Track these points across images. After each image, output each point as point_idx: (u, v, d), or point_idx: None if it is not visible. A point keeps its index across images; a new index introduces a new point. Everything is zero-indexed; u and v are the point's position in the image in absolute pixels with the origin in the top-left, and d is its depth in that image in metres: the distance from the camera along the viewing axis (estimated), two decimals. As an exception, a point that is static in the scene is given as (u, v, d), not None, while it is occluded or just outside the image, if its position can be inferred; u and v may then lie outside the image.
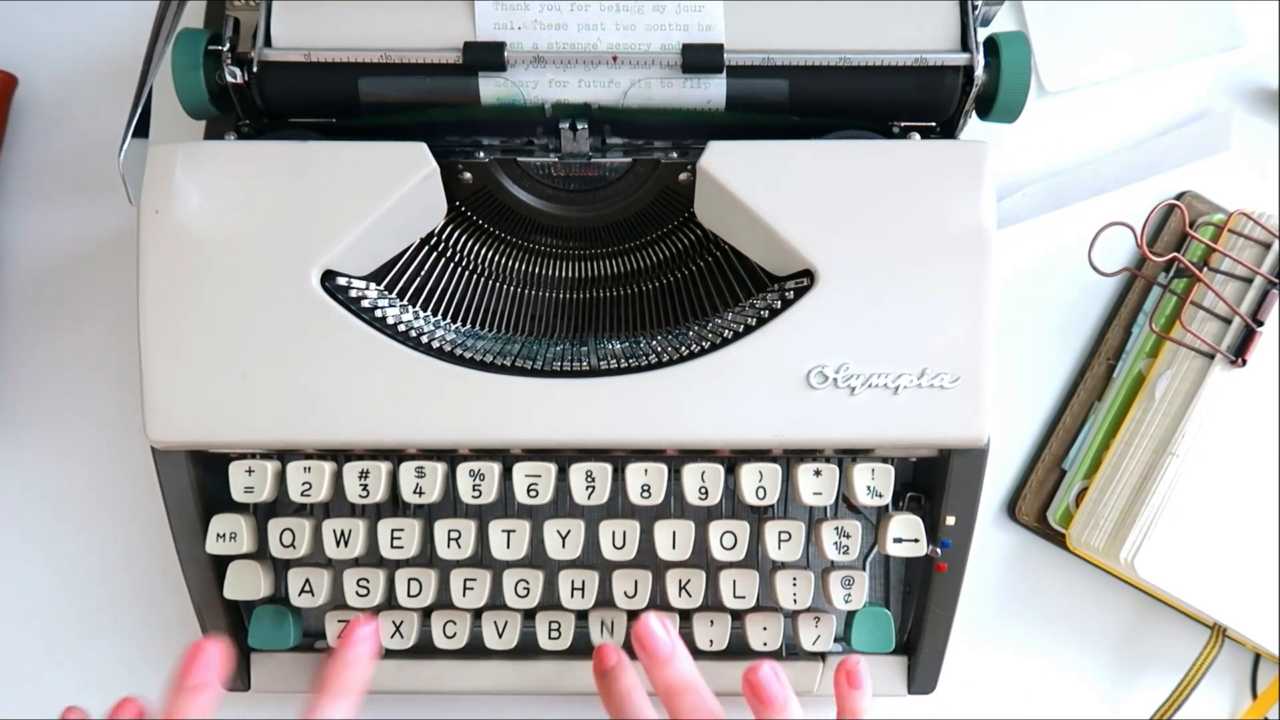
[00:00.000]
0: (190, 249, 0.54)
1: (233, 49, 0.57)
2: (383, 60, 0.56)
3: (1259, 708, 0.65)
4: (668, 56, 0.57)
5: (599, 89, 0.57)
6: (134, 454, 0.65)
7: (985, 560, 0.66)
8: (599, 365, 0.55)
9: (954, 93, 0.58)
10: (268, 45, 0.57)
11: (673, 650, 0.51)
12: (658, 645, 0.51)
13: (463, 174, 0.58)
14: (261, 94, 0.58)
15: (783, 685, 0.50)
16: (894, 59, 0.57)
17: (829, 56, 0.57)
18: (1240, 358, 0.60)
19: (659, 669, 0.51)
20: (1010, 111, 0.59)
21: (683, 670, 0.51)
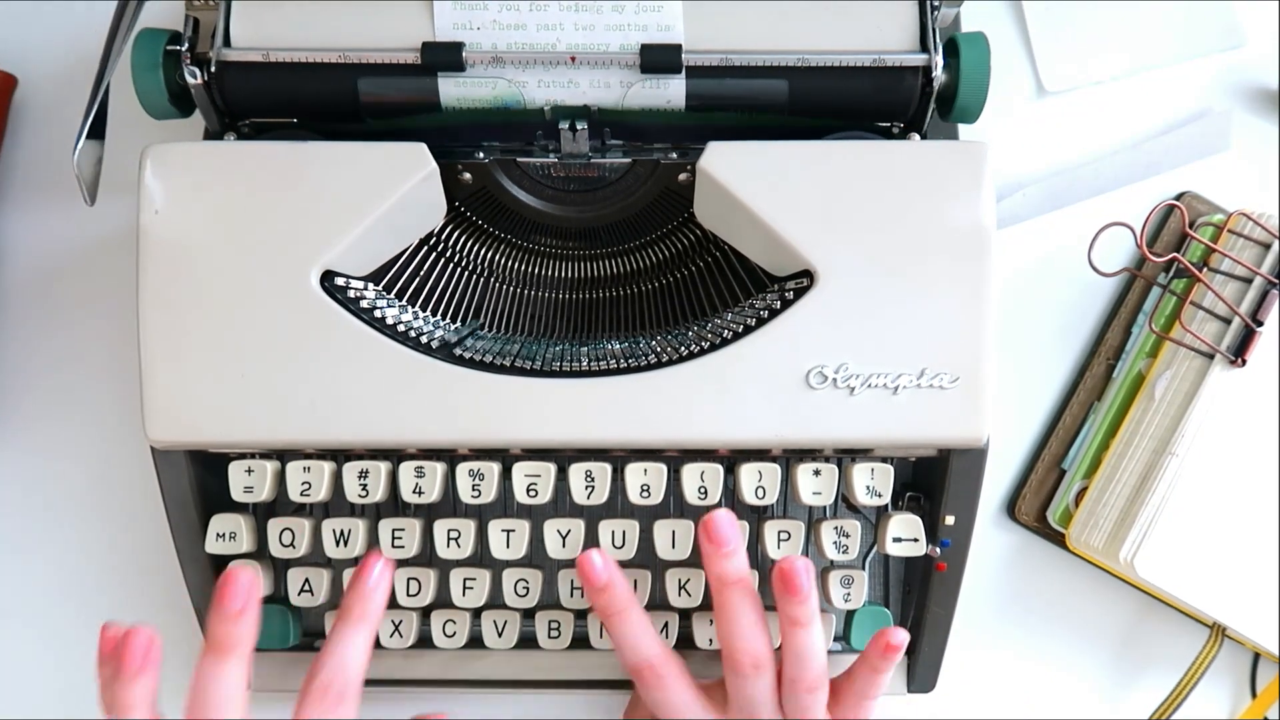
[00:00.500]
0: (190, 249, 0.54)
1: (192, 49, 0.57)
2: (341, 60, 0.56)
3: (1258, 707, 0.65)
4: (626, 57, 0.57)
5: (559, 89, 0.57)
6: (134, 454, 0.65)
7: (985, 560, 0.66)
8: (598, 365, 0.55)
9: (913, 93, 0.58)
10: (226, 45, 0.57)
11: (737, 547, 0.54)
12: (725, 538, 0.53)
13: (462, 174, 0.58)
14: (221, 94, 0.58)
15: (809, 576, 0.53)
16: (852, 59, 0.57)
17: (787, 57, 0.57)
18: (1240, 358, 0.60)
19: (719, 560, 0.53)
20: (970, 112, 0.58)
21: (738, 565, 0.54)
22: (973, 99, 0.58)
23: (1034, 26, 0.69)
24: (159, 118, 0.59)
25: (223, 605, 0.50)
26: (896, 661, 0.54)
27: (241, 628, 0.50)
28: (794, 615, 0.53)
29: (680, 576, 0.58)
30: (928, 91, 0.58)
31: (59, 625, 0.66)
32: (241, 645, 0.50)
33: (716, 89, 0.58)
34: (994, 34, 0.68)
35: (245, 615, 0.50)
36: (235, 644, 0.50)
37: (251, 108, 0.59)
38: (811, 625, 0.53)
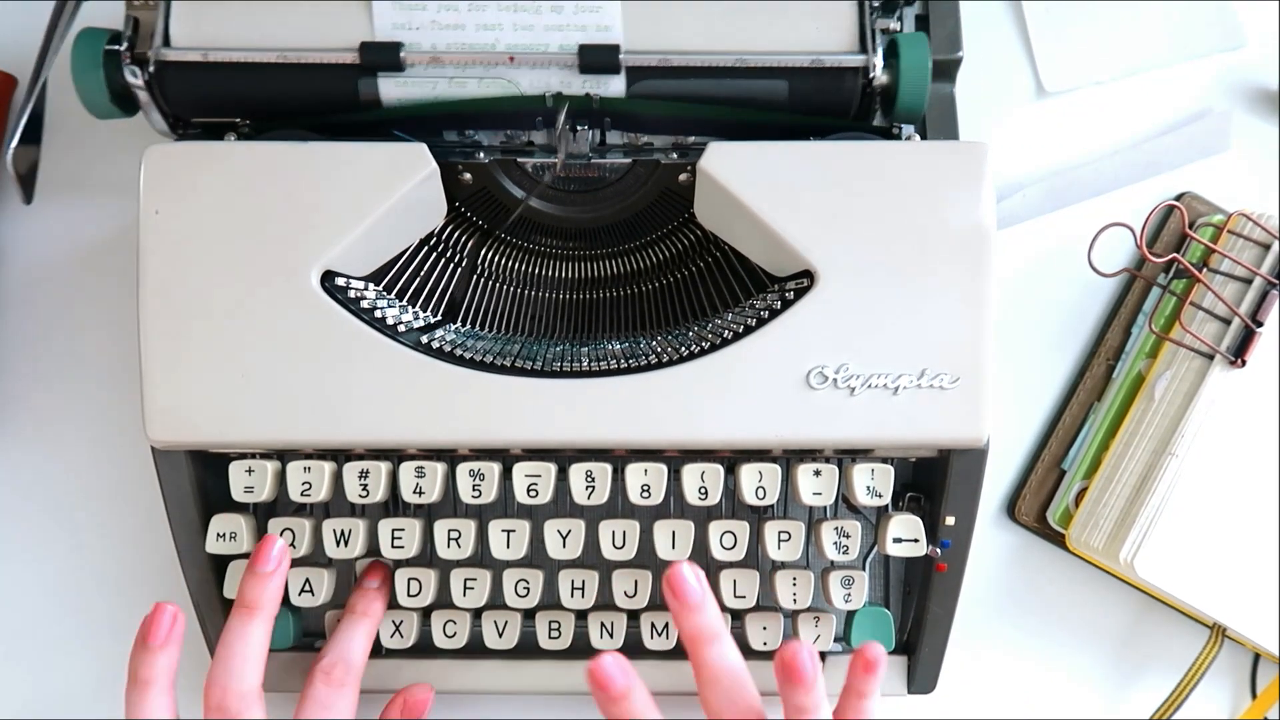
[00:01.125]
0: (190, 249, 0.54)
1: (131, 48, 0.57)
2: (280, 60, 0.57)
3: (1258, 708, 0.65)
4: (565, 57, 0.57)
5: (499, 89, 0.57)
6: (134, 454, 0.65)
7: (985, 560, 0.66)
8: (599, 366, 0.55)
9: (854, 94, 0.58)
10: (166, 45, 0.57)
11: (703, 598, 0.52)
12: (688, 592, 0.51)
13: (462, 174, 0.58)
14: (162, 94, 0.58)
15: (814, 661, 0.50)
16: (791, 60, 0.57)
17: (725, 57, 0.57)
18: (1240, 358, 0.60)
19: (688, 616, 0.51)
20: (911, 113, 0.59)
21: (709, 619, 0.52)
22: (912, 99, 0.58)
23: (1034, 26, 0.69)
24: (102, 117, 0.59)
25: (255, 565, 0.54)
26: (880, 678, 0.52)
27: (269, 588, 0.53)
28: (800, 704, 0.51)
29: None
30: (869, 92, 0.58)
31: (59, 625, 0.66)
32: (268, 606, 0.54)
33: (659, 89, 0.58)
34: (994, 34, 0.69)
35: (274, 576, 0.53)
36: (261, 604, 0.53)
37: (193, 107, 0.59)
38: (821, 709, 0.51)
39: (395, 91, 0.58)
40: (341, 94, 0.58)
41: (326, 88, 0.58)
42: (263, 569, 0.53)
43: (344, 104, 0.58)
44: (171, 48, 0.57)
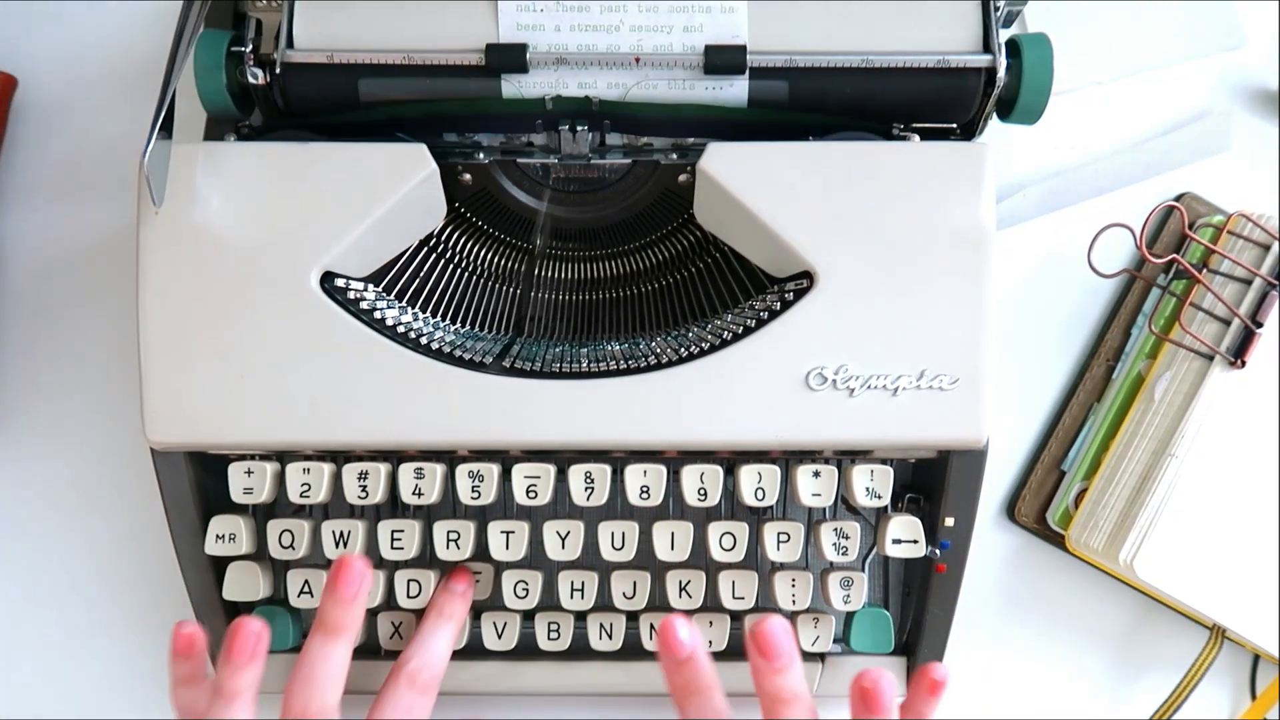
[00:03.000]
0: (190, 249, 0.54)
1: (255, 50, 0.57)
2: (405, 62, 0.56)
3: (1258, 708, 0.65)
4: (690, 58, 0.57)
5: (622, 91, 0.57)
6: (134, 454, 0.65)
7: (984, 561, 0.66)
8: (598, 367, 0.55)
9: (975, 94, 0.58)
10: (290, 46, 0.57)
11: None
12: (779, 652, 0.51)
13: (462, 175, 0.58)
14: (284, 95, 0.58)
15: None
16: (916, 60, 0.57)
17: (851, 58, 0.57)
18: (1239, 359, 0.60)
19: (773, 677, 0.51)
20: (1032, 113, 0.58)
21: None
22: (1035, 100, 0.58)
23: (1034, 27, 0.69)
24: (219, 118, 0.59)
25: (336, 590, 0.53)
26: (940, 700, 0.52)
27: (353, 612, 0.53)
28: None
29: (680, 578, 0.58)
30: (989, 93, 0.58)
31: (59, 626, 0.66)
32: (350, 629, 0.53)
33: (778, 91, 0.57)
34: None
35: (356, 601, 0.53)
36: (345, 627, 0.53)
37: (314, 108, 0.59)
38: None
39: (518, 93, 0.57)
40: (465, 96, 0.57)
41: (450, 89, 0.57)
42: (344, 594, 0.53)
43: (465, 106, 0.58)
44: (295, 49, 0.57)
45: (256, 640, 0.52)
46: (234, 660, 0.51)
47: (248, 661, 0.51)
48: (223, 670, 0.51)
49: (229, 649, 0.51)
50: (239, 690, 0.51)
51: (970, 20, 0.58)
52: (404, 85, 0.57)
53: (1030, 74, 0.57)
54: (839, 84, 0.57)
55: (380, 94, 0.58)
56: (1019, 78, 0.57)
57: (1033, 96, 0.58)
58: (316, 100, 0.58)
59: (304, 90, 0.58)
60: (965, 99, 0.58)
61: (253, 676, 0.52)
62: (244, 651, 0.51)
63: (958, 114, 0.59)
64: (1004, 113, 0.59)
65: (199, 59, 0.57)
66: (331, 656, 0.53)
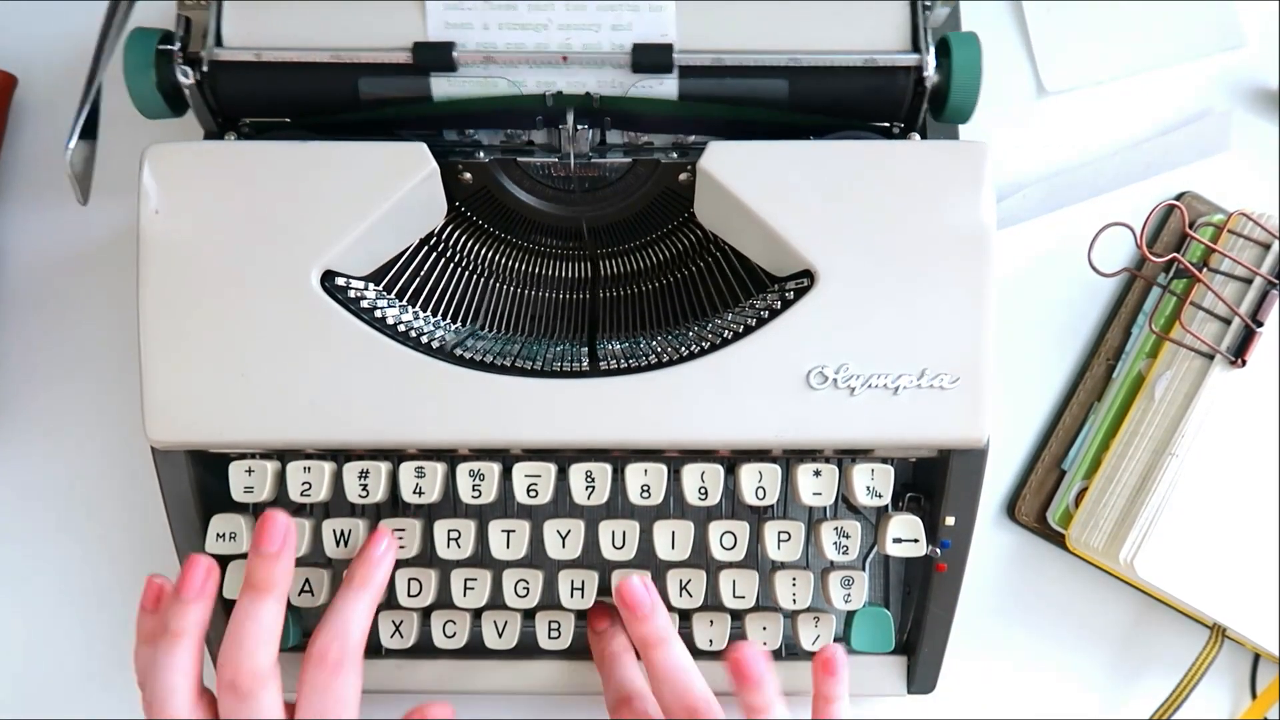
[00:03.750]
0: (190, 249, 0.54)
1: (184, 49, 0.57)
2: (333, 60, 0.57)
3: (1258, 708, 0.65)
4: (618, 56, 0.57)
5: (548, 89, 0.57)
6: (134, 454, 0.65)
7: (985, 560, 0.66)
8: (599, 366, 0.55)
9: (905, 93, 0.58)
10: (219, 45, 0.57)
11: (653, 608, 0.54)
12: (639, 602, 0.54)
13: (463, 174, 0.58)
14: (214, 94, 0.58)
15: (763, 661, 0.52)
16: (844, 59, 0.57)
17: (779, 57, 0.57)
18: (1240, 358, 0.60)
19: (639, 624, 0.54)
20: (962, 112, 0.58)
21: (659, 625, 0.54)
22: (964, 99, 0.58)
23: (1034, 26, 0.69)
24: (152, 117, 0.59)
25: (260, 546, 0.52)
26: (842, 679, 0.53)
27: (278, 568, 0.52)
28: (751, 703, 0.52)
29: (681, 577, 0.58)
30: (920, 91, 0.58)
31: (59, 625, 0.66)
32: (278, 586, 0.52)
33: (711, 89, 0.58)
34: (994, 34, 0.69)
35: (282, 556, 0.52)
36: (272, 584, 0.51)
37: (245, 107, 0.59)
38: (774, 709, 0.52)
39: (447, 91, 0.58)
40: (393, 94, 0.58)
41: (379, 88, 0.57)
42: (267, 549, 0.51)
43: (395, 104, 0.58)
44: (224, 47, 0.57)
45: (206, 576, 0.51)
46: (181, 595, 0.50)
47: (195, 598, 0.50)
48: (170, 607, 0.51)
49: (178, 584, 0.51)
50: (184, 629, 0.50)
51: (898, 20, 0.58)
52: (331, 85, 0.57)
53: (959, 73, 0.57)
54: (769, 83, 0.57)
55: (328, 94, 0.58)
56: (949, 76, 0.57)
57: (962, 95, 0.58)
58: (246, 100, 0.58)
59: (234, 90, 0.58)
60: (895, 98, 0.58)
61: (200, 615, 0.51)
62: (191, 587, 0.50)
63: (888, 113, 0.59)
64: (936, 112, 0.59)
65: (128, 58, 0.57)
66: (260, 616, 0.51)
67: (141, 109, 0.58)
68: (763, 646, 0.54)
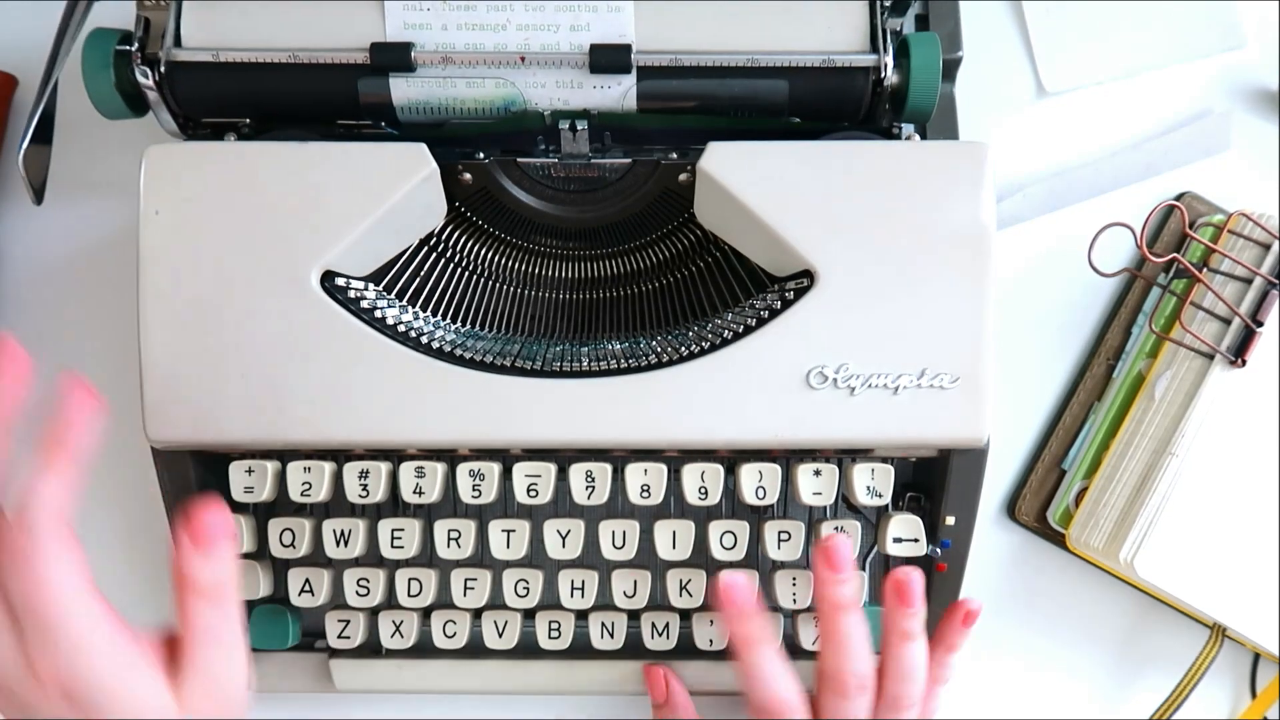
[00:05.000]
0: (190, 249, 0.54)
1: (142, 49, 0.57)
2: (291, 60, 0.56)
3: (1258, 707, 0.65)
4: (576, 57, 0.57)
5: (509, 89, 0.58)
6: (134, 454, 0.65)
7: (985, 560, 0.66)
8: (599, 365, 0.55)
9: (863, 94, 0.58)
10: (177, 45, 0.57)
11: (852, 574, 0.53)
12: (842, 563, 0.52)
13: (462, 174, 0.58)
14: (173, 95, 0.58)
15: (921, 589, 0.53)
16: (802, 60, 0.57)
17: (736, 57, 0.57)
18: (1240, 358, 0.60)
19: (833, 587, 0.53)
20: (921, 113, 0.58)
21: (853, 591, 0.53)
22: (923, 99, 0.58)
23: (1034, 26, 0.69)
24: (112, 118, 0.59)
25: None
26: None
27: None
28: (905, 628, 0.53)
29: (681, 577, 0.58)
30: (879, 92, 0.58)
31: (59, 625, 0.66)
32: None
33: (671, 90, 0.58)
34: (994, 34, 0.69)
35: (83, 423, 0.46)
36: None
37: (204, 108, 0.59)
38: (920, 639, 0.54)
39: (406, 92, 0.58)
40: (352, 94, 0.58)
41: (337, 88, 0.57)
42: None
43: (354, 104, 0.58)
44: (182, 48, 0.57)
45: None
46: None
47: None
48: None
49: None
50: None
51: (857, 20, 0.58)
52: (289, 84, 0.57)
53: (918, 74, 0.57)
54: (728, 83, 0.57)
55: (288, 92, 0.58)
56: (907, 77, 0.57)
57: (920, 96, 0.58)
58: (205, 100, 0.58)
59: (192, 90, 0.58)
60: (854, 98, 0.58)
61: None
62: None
63: (848, 113, 0.59)
64: (896, 113, 0.59)
65: (86, 58, 0.57)
66: None
67: (101, 109, 0.58)
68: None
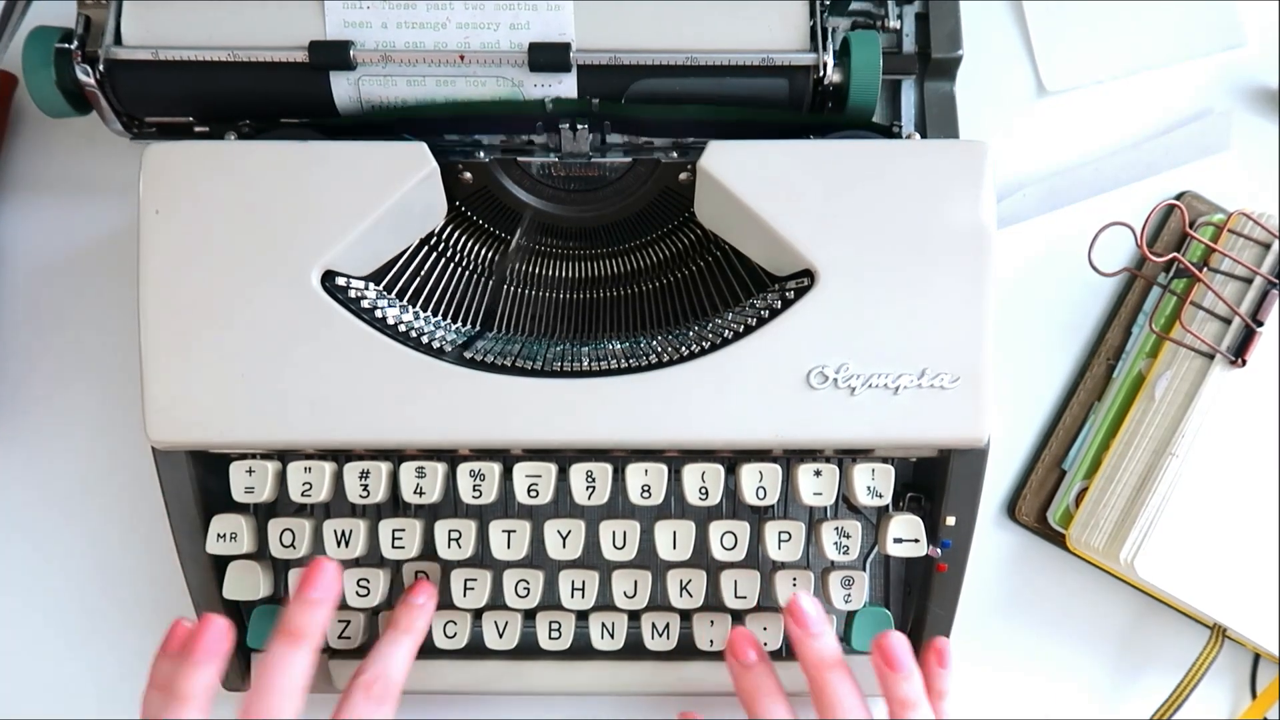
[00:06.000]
0: (190, 249, 0.54)
1: (82, 47, 0.57)
2: (230, 59, 0.57)
3: (1258, 708, 0.65)
4: (516, 55, 0.57)
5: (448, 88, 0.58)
6: (134, 454, 0.65)
7: (985, 560, 0.66)
8: (599, 365, 0.55)
9: (804, 92, 0.58)
10: (117, 44, 0.57)
11: (823, 628, 0.54)
12: (809, 620, 0.54)
13: (463, 174, 0.58)
14: (114, 93, 0.58)
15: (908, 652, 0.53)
16: (741, 58, 0.57)
17: (676, 56, 0.57)
18: (1240, 358, 0.60)
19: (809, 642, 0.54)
20: (862, 112, 0.59)
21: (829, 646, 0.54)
22: (863, 97, 0.58)
23: (1034, 26, 0.69)
24: (55, 116, 0.59)
25: (304, 590, 0.52)
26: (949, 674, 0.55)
27: (317, 615, 0.52)
28: (901, 697, 0.53)
29: (681, 577, 0.58)
30: (819, 90, 0.58)
31: (59, 625, 0.66)
32: (313, 635, 0.52)
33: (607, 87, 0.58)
34: (994, 34, 0.69)
35: (324, 605, 0.52)
36: (308, 632, 0.51)
37: (146, 106, 0.59)
38: (920, 707, 0.53)
39: (348, 90, 0.58)
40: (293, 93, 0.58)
41: (278, 87, 0.58)
42: (311, 594, 0.52)
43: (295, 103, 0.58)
44: (123, 46, 0.57)
45: (220, 638, 0.50)
46: (193, 656, 0.50)
47: (206, 660, 0.50)
48: (181, 669, 0.50)
49: (190, 644, 0.50)
50: (192, 694, 0.50)
51: (797, 19, 0.58)
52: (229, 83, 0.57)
53: (858, 73, 0.57)
54: (669, 81, 0.57)
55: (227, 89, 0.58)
56: (848, 75, 0.57)
57: (861, 94, 0.58)
58: (147, 98, 0.58)
59: (133, 88, 0.58)
60: (795, 96, 0.58)
61: (210, 679, 0.50)
62: (204, 649, 0.50)
63: (791, 107, 0.59)
64: (838, 110, 0.59)
65: (27, 56, 0.57)
66: (291, 665, 0.51)
67: (43, 108, 0.58)
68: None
